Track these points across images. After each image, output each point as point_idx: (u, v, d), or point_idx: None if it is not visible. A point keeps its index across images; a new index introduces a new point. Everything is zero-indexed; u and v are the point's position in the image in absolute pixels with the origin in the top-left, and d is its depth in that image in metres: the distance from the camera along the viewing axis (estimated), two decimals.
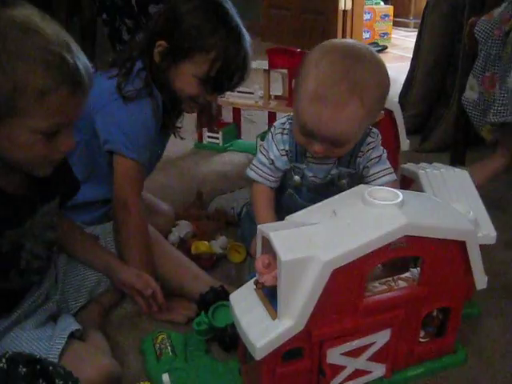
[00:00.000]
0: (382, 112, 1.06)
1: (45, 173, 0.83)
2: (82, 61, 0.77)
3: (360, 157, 1.08)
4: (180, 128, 1.27)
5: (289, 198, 1.12)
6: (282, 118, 1.11)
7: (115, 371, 0.87)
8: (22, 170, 0.83)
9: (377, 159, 1.09)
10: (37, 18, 0.75)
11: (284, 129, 1.08)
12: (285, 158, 1.08)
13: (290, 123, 1.07)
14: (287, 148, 1.07)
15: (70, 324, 0.90)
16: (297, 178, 1.10)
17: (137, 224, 1.08)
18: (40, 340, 0.86)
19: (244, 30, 1.13)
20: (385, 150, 1.11)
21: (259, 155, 1.10)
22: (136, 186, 1.10)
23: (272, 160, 1.08)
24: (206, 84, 1.10)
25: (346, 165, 1.09)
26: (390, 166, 1.11)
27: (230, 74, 1.11)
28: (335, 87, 0.93)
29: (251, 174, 1.11)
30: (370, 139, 1.08)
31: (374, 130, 1.10)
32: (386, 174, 1.09)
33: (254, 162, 1.11)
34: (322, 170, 1.09)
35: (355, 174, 1.10)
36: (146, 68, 1.10)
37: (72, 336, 0.88)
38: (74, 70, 0.75)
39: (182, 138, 1.31)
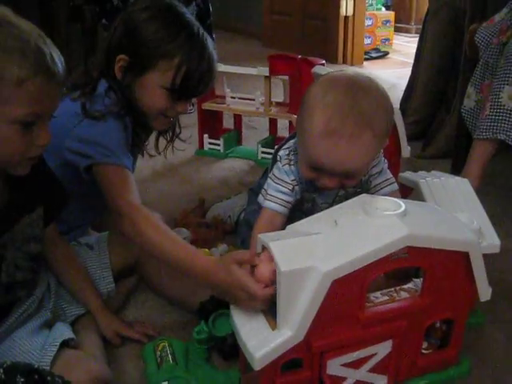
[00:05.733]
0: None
1: (23, 171, 0.83)
2: (56, 53, 0.79)
3: (364, 175, 1.07)
4: (147, 145, 1.23)
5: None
6: (284, 149, 1.08)
7: (104, 376, 0.87)
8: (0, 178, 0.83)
9: (378, 173, 1.09)
10: (10, 14, 0.77)
11: (290, 159, 1.05)
12: (297, 187, 1.06)
13: (294, 154, 1.05)
14: (297, 178, 1.05)
15: (63, 332, 0.90)
16: (307, 205, 1.08)
17: (148, 227, 0.96)
18: (33, 349, 0.86)
19: (206, 34, 1.09)
20: (386, 161, 1.10)
21: (274, 185, 1.05)
22: (124, 191, 0.99)
23: (292, 185, 1.05)
24: (173, 93, 1.06)
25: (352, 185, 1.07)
26: (391, 176, 1.10)
27: (196, 78, 1.06)
28: (345, 121, 0.91)
29: (270, 204, 1.05)
30: None
31: None
32: (388, 185, 1.09)
33: (271, 192, 1.06)
34: (331, 194, 1.08)
35: (361, 193, 1.09)
36: (112, 87, 1.06)
37: (66, 345, 0.88)
38: (49, 60, 0.77)
39: (150, 156, 1.25)
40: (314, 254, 0.76)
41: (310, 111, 0.95)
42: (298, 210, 1.09)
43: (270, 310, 0.81)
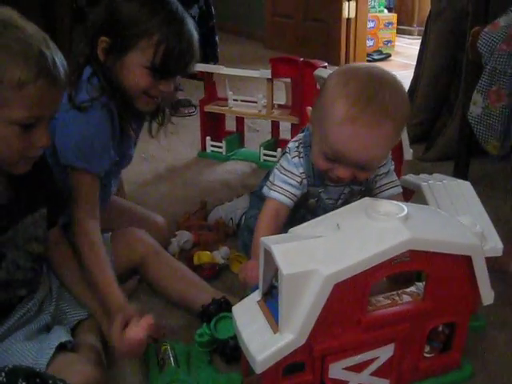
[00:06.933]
0: None
1: (21, 170, 0.85)
2: (59, 57, 0.80)
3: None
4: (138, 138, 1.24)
5: (302, 220, 1.11)
6: (292, 142, 1.08)
7: (97, 379, 0.86)
8: (3, 176, 0.84)
9: (385, 174, 1.09)
10: (16, 17, 0.78)
11: (299, 152, 1.05)
12: (305, 180, 1.06)
13: (303, 147, 1.05)
14: (306, 171, 1.05)
15: (60, 335, 0.90)
16: (312, 201, 1.08)
17: (83, 243, 1.03)
18: (29, 351, 0.85)
19: (186, 14, 1.09)
20: (393, 163, 1.11)
21: (281, 176, 1.05)
22: (84, 201, 1.05)
23: (301, 178, 1.05)
24: (155, 72, 1.06)
25: (359, 183, 1.08)
26: (396, 178, 1.11)
27: (176, 56, 1.06)
28: (368, 108, 0.91)
29: (276, 195, 1.05)
30: None
31: None
32: (392, 187, 1.10)
33: (277, 183, 1.05)
34: (336, 191, 1.08)
35: (366, 191, 1.09)
36: (96, 73, 1.07)
37: (64, 347, 0.87)
38: (51, 64, 0.78)
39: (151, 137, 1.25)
40: (316, 257, 0.76)
41: (331, 100, 0.95)
42: (302, 207, 1.09)
43: (272, 312, 0.81)
